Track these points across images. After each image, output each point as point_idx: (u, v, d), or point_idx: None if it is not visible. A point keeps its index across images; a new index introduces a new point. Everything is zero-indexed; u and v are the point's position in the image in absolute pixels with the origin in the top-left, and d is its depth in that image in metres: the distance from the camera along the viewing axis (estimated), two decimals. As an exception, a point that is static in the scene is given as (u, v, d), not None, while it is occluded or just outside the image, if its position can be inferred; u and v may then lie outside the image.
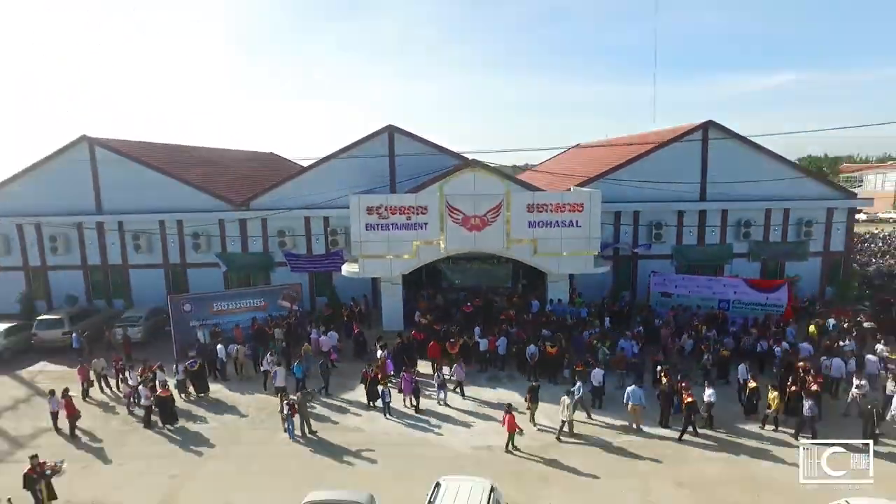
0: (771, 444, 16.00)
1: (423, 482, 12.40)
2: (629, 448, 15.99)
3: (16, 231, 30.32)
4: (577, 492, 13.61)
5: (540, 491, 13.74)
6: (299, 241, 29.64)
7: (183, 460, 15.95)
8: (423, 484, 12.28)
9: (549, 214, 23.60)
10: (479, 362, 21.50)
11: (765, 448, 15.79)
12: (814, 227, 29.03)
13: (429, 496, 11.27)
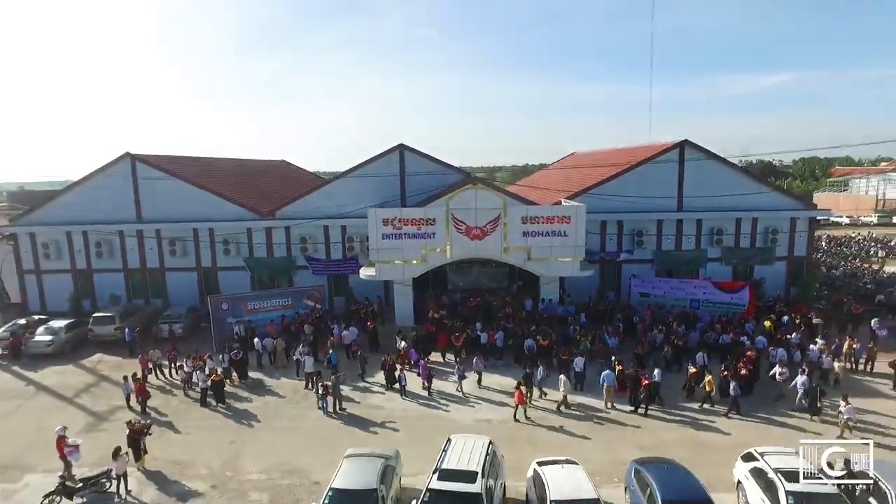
0: (709, 418, 19.58)
1: (436, 444, 15.88)
2: (602, 421, 19.61)
3: (65, 238, 33.96)
4: (554, 451, 17.12)
5: (525, 450, 17.27)
6: (319, 247, 33.28)
7: (237, 430, 19.57)
8: (436, 445, 15.75)
9: (541, 225, 27.24)
10: (479, 353, 25.06)
11: (705, 420, 19.40)
12: (779, 235, 32.68)
13: (442, 447, 14.86)
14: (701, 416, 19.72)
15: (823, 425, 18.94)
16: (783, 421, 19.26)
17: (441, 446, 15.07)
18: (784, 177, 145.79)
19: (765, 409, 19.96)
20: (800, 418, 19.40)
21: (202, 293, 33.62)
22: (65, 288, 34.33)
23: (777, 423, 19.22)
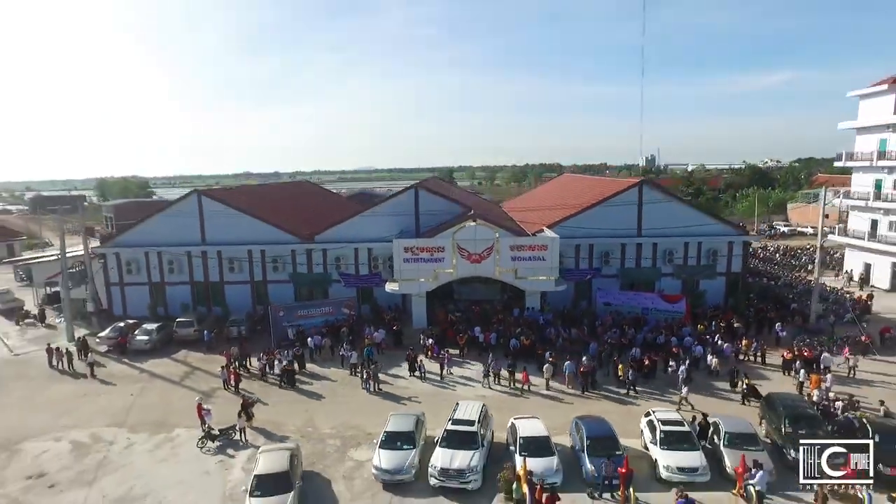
0: (631, 396, 27.91)
1: (447, 409, 24.19)
2: (562, 399, 28.02)
3: (143, 257, 42.51)
4: (527, 413, 25.36)
5: (508, 413, 25.49)
6: (350, 265, 41.74)
7: (308, 403, 28.02)
8: (447, 412, 24.04)
9: (525, 252, 35.78)
10: (477, 349, 33.44)
11: (628, 398, 27.74)
12: (718, 256, 41.11)
13: (453, 408, 23.26)
14: (622, 394, 28.14)
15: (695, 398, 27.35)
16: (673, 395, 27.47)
17: (453, 407, 23.49)
18: (771, 184, 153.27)
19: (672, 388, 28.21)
20: (688, 394, 27.80)
21: (254, 302, 42.23)
22: (142, 297, 42.91)
23: (671, 395, 27.57)
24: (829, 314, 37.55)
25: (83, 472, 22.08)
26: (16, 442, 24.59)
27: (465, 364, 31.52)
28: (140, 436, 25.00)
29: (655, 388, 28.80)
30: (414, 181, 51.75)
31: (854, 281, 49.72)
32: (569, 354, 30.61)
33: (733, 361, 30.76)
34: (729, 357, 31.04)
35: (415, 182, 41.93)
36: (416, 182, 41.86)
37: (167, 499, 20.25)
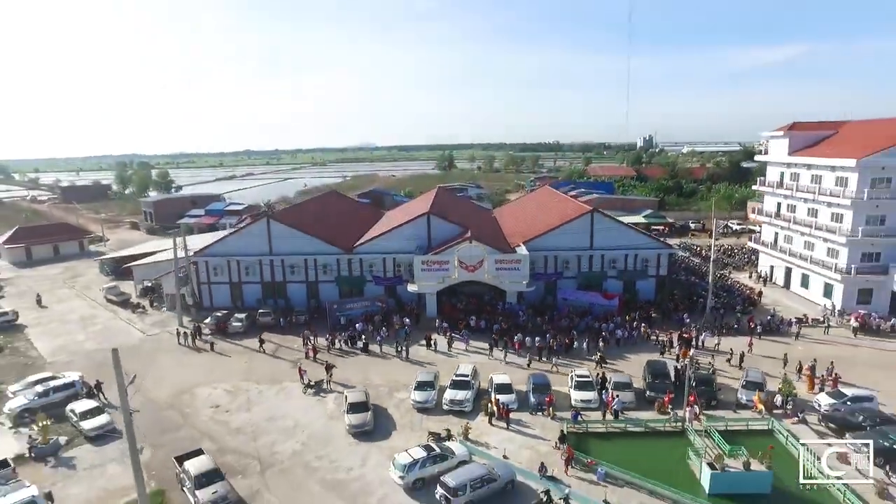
0: (570, 365, 43.80)
1: (452, 369, 39.99)
2: (522, 365, 43.92)
3: (226, 264, 58.13)
4: (500, 372, 41.07)
5: (488, 372, 41.27)
6: (379, 270, 57.40)
7: (362, 365, 43.95)
8: (452, 369, 39.85)
9: (505, 264, 51.46)
10: (472, 332, 49.19)
11: (562, 363, 43.64)
12: (650, 262, 56.76)
13: (455, 368, 39.19)
14: (567, 363, 44.08)
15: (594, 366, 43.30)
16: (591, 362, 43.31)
17: (455, 368, 39.44)
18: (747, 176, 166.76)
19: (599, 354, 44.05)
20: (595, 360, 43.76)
21: (309, 297, 58.00)
22: (225, 293, 58.71)
23: (588, 362, 43.40)
24: (720, 307, 53.44)
25: (240, 405, 38.12)
26: (190, 388, 40.59)
27: (463, 341, 47.46)
28: (263, 386, 40.99)
29: (590, 356, 44.62)
30: (412, 160, 66.83)
31: (762, 279, 65.37)
32: (535, 335, 46.54)
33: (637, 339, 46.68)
34: (633, 336, 47.07)
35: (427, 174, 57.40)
36: (426, 212, 57.29)
37: (295, 417, 36.25)
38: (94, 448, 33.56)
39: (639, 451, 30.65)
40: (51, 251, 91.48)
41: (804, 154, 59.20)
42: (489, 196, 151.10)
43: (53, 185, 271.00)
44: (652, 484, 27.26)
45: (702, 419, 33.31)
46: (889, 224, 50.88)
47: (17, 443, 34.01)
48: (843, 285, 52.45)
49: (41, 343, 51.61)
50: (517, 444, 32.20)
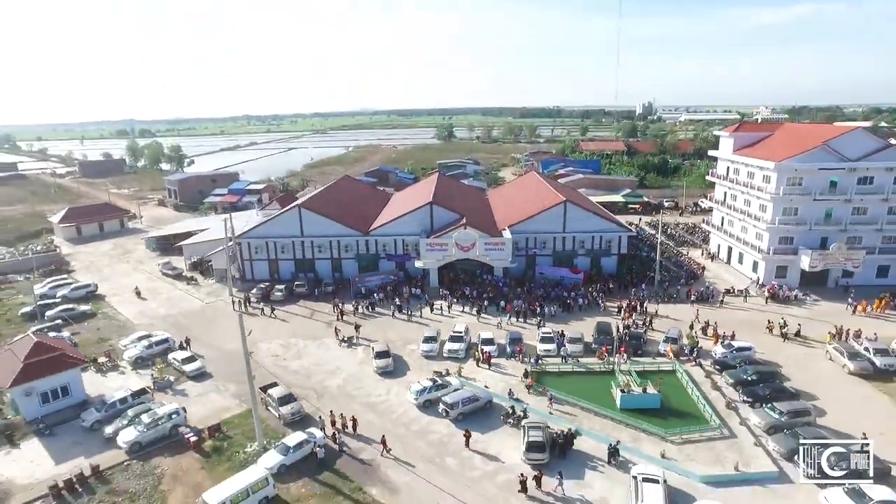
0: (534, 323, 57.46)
1: (450, 327, 53.54)
2: (501, 325, 57.61)
3: (264, 244, 71.36)
4: (487, 331, 54.59)
5: (477, 331, 54.83)
6: (391, 248, 70.65)
7: (381, 326, 57.54)
8: (450, 327, 53.40)
9: (493, 246, 64.73)
10: (466, 299, 62.69)
11: (534, 324, 57.29)
12: (612, 242, 69.98)
13: (453, 327, 52.80)
14: (536, 324, 57.71)
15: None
16: (561, 322, 56.89)
17: (453, 326, 53.09)
18: None
19: (561, 320, 57.66)
20: (555, 323, 57.41)
21: (333, 271, 71.38)
22: (264, 268, 72.07)
23: (556, 321, 57.02)
24: (667, 280, 66.90)
25: (293, 355, 51.90)
26: (252, 344, 54.14)
27: (458, 305, 61.03)
28: (307, 341, 54.71)
29: (557, 319, 58.20)
30: (412, 127, 78.93)
31: (711, 256, 78.58)
32: (515, 301, 60.15)
33: (596, 305, 60.29)
34: (591, 303, 60.62)
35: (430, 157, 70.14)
36: (429, 202, 69.98)
37: (335, 363, 50.01)
38: (195, 384, 47.44)
39: (579, 384, 44.40)
40: (97, 228, 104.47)
41: (743, 153, 71.70)
42: (485, 172, 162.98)
43: (66, 156, 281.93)
44: (583, 403, 41.11)
45: (627, 363, 47.03)
46: (800, 215, 63.80)
47: (140, 380, 47.84)
48: (765, 263, 65.70)
49: (123, 309, 65.28)
50: (495, 379, 46.01)
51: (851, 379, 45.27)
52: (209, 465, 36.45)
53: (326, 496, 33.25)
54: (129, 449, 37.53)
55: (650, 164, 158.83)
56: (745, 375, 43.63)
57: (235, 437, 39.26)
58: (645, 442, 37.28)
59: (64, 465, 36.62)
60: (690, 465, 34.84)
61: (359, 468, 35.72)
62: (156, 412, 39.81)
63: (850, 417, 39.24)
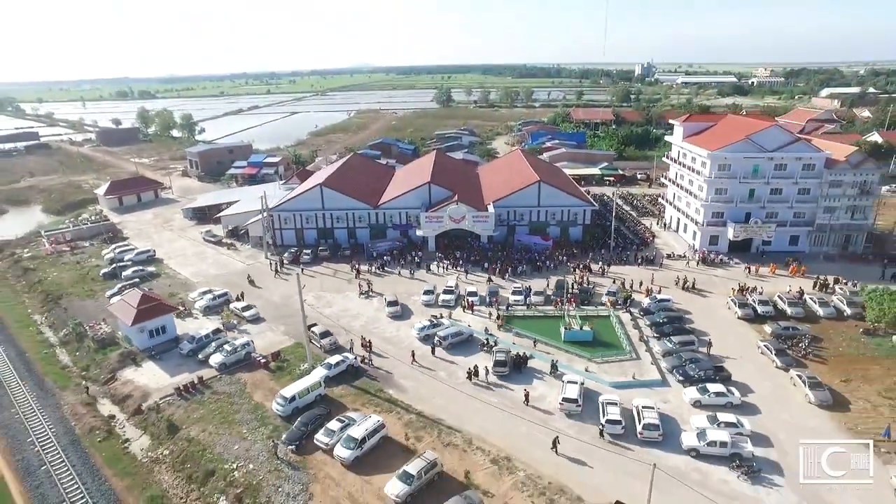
0: (511, 279, 73.84)
1: (444, 283, 69.78)
2: (482, 282, 73.99)
3: (292, 216, 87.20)
4: (472, 286, 70.84)
5: (465, 286, 71.09)
6: (396, 219, 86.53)
7: (390, 282, 73.84)
8: (444, 283, 69.67)
9: (480, 218, 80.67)
10: (457, 261, 78.89)
11: (510, 279, 73.68)
12: (578, 215, 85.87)
13: (446, 283, 69.15)
14: (512, 280, 74.09)
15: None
16: (530, 279, 73.16)
17: (447, 282, 69.48)
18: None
19: (531, 277, 73.95)
20: (526, 279, 73.78)
21: (349, 238, 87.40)
22: (291, 236, 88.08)
23: (527, 279, 73.33)
24: (621, 246, 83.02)
25: (323, 304, 68.33)
26: (290, 296, 70.37)
27: (451, 268, 77.36)
28: (333, 294, 71.15)
29: (529, 276, 74.45)
30: (411, 88, 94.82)
31: (665, 225, 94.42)
32: (498, 263, 76.42)
33: (563, 267, 76.66)
34: (558, 266, 76.91)
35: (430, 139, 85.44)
36: (428, 182, 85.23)
37: (356, 310, 66.50)
38: (253, 326, 64.00)
39: (537, 324, 60.98)
40: (135, 199, 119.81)
41: (689, 141, 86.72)
42: (480, 143, 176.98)
43: (77, 123, 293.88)
44: (538, 337, 57.79)
45: (574, 310, 63.51)
46: (729, 194, 79.28)
47: (211, 323, 64.29)
48: (701, 233, 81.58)
49: (182, 270, 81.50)
50: (477, 320, 62.57)
51: (738, 322, 61.89)
52: (276, 378, 53.23)
53: (359, 394, 50.17)
54: (219, 368, 54.27)
55: (633, 135, 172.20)
56: (659, 319, 60.23)
57: (291, 360, 56.00)
58: (577, 362, 54.14)
59: (176, 378, 53.49)
60: (604, 375, 51.80)
61: (380, 377, 52.63)
62: (234, 343, 56.46)
63: (727, 345, 56.20)
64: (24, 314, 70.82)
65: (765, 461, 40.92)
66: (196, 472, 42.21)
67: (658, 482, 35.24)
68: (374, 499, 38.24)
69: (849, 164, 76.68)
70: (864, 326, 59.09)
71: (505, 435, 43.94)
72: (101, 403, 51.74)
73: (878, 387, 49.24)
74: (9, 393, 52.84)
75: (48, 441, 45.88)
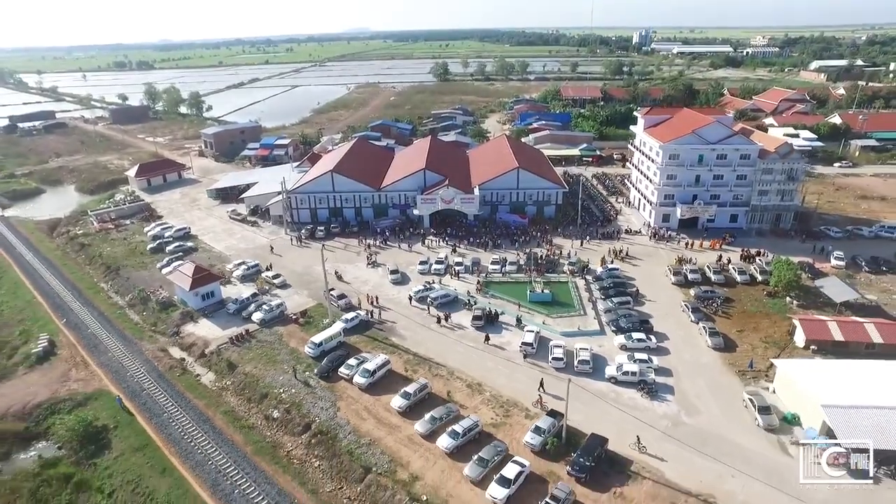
0: (492, 250, 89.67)
1: (436, 255, 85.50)
2: (468, 254, 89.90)
3: (307, 198, 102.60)
4: (459, 257, 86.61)
5: (453, 258, 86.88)
6: (397, 200, 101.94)
7: (392, 254, 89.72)
8: (436, 256, 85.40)
9: (466, 200, 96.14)
10: (447, 236, 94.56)
11: (493, 250, 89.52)
12: (551, 196, 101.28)
13: (437, 255, 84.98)
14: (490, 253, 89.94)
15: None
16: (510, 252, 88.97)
17: (438, 254, 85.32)
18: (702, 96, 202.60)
19: (508, 250, 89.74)
20: (504, 252, 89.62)
21: (356, 216, 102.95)
22: (306, 214, 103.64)
23: (505, 251, 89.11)
24: (587, 221, 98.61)
25: (348, 277, 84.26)
26: (309, 266, 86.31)
27: (444, 243, 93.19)
28: (345, 264, 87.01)
29: (507, 250, 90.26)
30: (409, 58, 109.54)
31: (629, 203, 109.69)
32: (479, 237, 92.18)
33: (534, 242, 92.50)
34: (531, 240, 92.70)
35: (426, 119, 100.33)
36: (423, 168, 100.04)
37: (364, 278, 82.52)
38: (282, 290, 79.97)
39: (510, 288, 76.95)
40: (161, 180, 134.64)
41: (647, 132, 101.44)
42: (473, 122, 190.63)
43: (85, 98, 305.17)
44: (508, 298, 73.92)
45: (540, 277, 79.42)
46: (678, 179, 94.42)
47: (247, 289, 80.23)
48: (654, 211, 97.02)
49: (215, 245, 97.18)
50: (462, 285, 78.57)
51: (672, 287, 77.82)
52: (305, 330, 69.35)
53: (369, 341, 66.43)
54: (260, 323, 70.42)
55: (616, 114, 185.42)
56: (606, 283, 76.25)
57: (316, 317, 72.13)
58: (537, 317, 70.37)
59: (227, 331, 69.69)
60: (557, 327, 68.10)
61: (385, 328, 68.91)
62: (270, 304, 72.57)
63: (659, 304, 72.44)
64: (91, 283, 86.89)
65: (664, 385, 57.47)
66: (253, 395, 58.81)
67: (586, 400, 52.03)
68: (383, 410, 54.84)
69: (778, 155, 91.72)
70: (767, 290, 75.17)
71: (477, 368, 60.43)
72: (172, 350, 68.17)
73: (762, 335, 65.62)
74: (102, 342, 69.26)
75: (142, 375, 62.41)
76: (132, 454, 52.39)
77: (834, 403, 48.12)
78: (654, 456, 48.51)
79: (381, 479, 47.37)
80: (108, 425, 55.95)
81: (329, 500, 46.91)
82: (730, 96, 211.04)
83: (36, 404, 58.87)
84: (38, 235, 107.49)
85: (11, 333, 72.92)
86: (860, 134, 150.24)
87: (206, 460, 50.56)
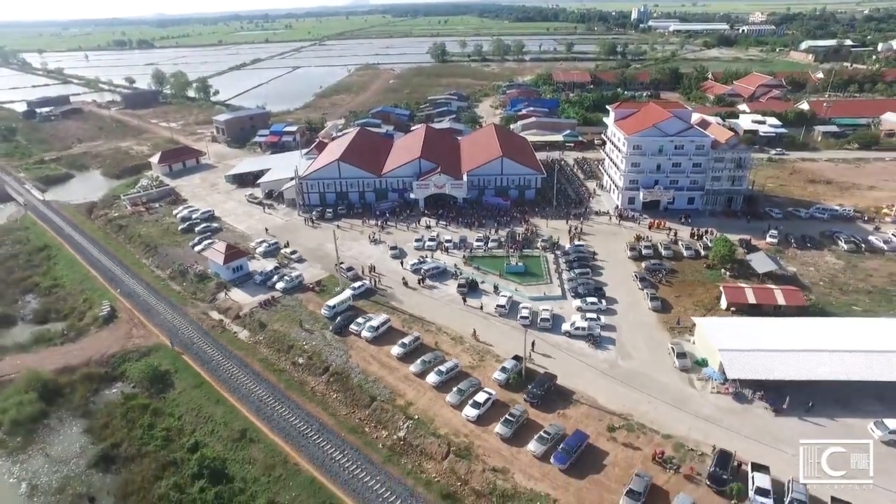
0: (478, 228, 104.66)
1: (430, 233, 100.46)
2: (458, 231, 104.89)
3: (318, 183, 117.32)
4: (448, 235, 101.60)
5: (445, 235, 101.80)
6: (396, 184, 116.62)
7: (403, 234, 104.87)
8: (430, 234, 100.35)
9: (456, 184, 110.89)
10: (440, 217, 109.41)
11: (479, 228, 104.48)
12: (531, 181, 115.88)
13: (431, 233, 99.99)
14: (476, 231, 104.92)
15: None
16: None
17: (431, 232, 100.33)
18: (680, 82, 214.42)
19: (491, 228, 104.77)
20: (487, 230, 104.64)
21: (359, 199, 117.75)
22: (315, 198, 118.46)
23: (489, 230, 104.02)
24: (563, 204, 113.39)
25: (345, 248, 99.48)
26: (321, 243, 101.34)
27: (435, 223, 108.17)
28: (351, 242, 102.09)
29: (490, 228, 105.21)
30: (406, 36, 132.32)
31: (603, 188, 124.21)
32: (468, 218, 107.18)
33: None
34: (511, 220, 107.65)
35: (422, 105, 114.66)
36: (419, 157, 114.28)
37: (369, 253, 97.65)
38: (299, 264, 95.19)
39: (491, 261, 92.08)
40: (181, 165, 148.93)
41: (617, 124, 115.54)
42: (467, 108, 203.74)
43: (93, 81, 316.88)
44: (489, 269, 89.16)
45: (516, 252, 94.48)
46: (641, 167, 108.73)
47: (269, 263, 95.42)
48: (622, 195, 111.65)
49: (238, 225, 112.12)
50: (450, 259, 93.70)
51: (628, 261, 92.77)
52: (320, 296, 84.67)
53: (373, 305, 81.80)
54: (283, 291, 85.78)
55: (603, 98, 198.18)
56: (572, 257, 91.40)
57: (328, 286, 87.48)
58: (511, 285, 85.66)
59: (256, 298, 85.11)
60: (527, 293, 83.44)
61: (385, 294, 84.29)
62: (290, 275, 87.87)
63: (615, 274, 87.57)
64: (134, 259, 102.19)
65: (608, 338, 72.96)
66: (282, 347, 74.47)
67: (546, 350, 67.72)
68: (385, 356, 70.47)
69: (728, 146, 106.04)
70: (707, 263, 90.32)
71: (460, 325, 75.93)
72: (212, 314, 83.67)
73: (695, 300, 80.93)
74: (153, 307, 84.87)
75: (191, 332, 78.07)
76: (192, 390, 68.35)
77: (728, 348, 63.86)
78: (588, 388, 64.41)
79: (384, 405, 63.26)
80: (169, 370, 71.84)
81: (345, 420, 62.89)
82: (711, 81, 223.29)
83: (111, 354, 74.71)
84: (79, 217, 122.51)
85: (77, 301, 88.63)
86: (824, 120, 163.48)
87: (249, 394, 66.48)
